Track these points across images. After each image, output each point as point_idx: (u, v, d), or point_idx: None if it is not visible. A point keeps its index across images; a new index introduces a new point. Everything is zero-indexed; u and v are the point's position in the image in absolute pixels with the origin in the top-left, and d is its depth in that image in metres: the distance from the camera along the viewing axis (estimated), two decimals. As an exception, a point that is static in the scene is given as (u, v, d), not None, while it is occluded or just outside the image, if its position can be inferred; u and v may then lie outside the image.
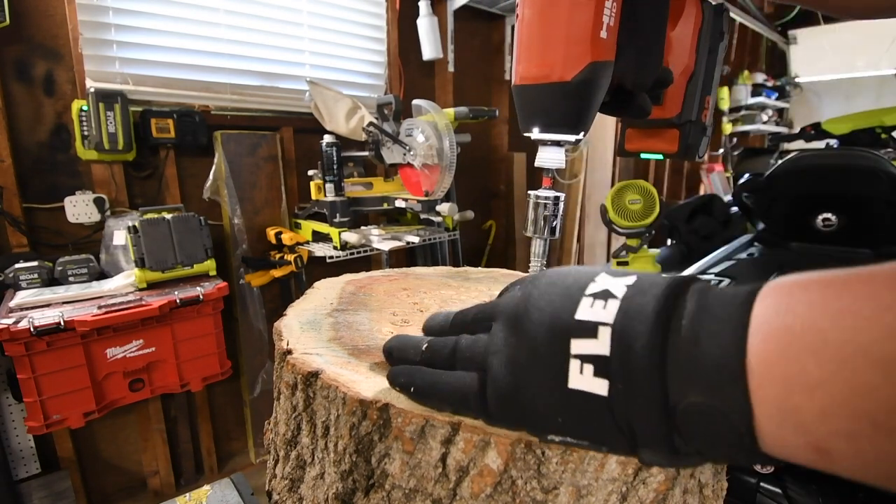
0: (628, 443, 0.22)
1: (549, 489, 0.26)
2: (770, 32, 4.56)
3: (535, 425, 0.25)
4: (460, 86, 2.42)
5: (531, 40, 0.34)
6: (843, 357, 0.16)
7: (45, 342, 1.14)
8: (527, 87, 0.35)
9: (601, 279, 0.25)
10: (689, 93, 0.47)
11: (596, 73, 0.33)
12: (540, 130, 0.36)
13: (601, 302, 0.23)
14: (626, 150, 0.53)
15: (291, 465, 0.36)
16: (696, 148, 0.49)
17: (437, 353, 0.29)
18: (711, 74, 0.47)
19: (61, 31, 1.41)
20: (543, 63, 0.34)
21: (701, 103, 0.47)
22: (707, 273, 1.19)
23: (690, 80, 0.46)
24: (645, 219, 0.95)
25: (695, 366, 0.20)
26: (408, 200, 1.70)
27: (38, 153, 1.42)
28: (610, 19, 0.33)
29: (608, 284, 0.24)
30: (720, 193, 2.63)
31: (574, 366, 0.23)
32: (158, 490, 1.68)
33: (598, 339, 0.22)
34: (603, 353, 0.22)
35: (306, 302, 0.49)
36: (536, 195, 0.38)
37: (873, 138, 2.07)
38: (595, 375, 0.22)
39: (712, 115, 0.50)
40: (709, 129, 0.50)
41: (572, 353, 0.23)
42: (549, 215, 0.38)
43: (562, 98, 0.34)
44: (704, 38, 0.45)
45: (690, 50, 0.45)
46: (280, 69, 1.84)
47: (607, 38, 0.33)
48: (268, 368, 1.89)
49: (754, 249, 1.43)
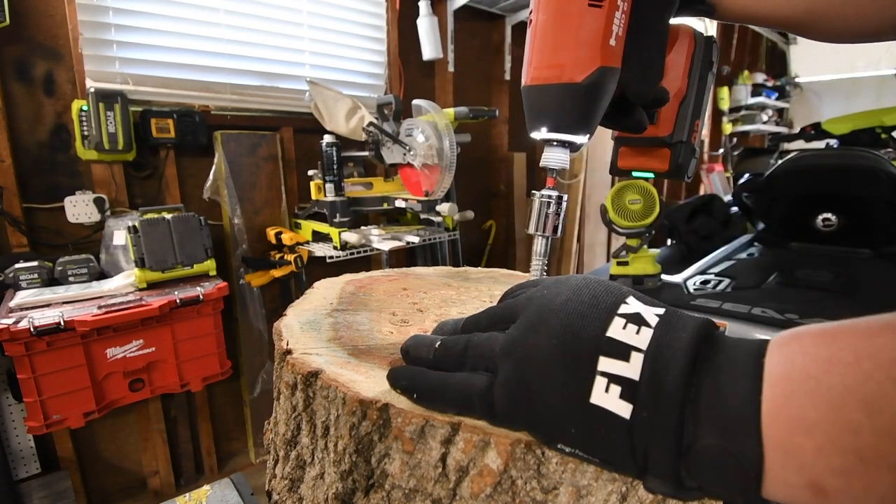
0: (637, 467, 0.23)
1: (549, 489, 0.26)
2: (770, 32, 4.56)
3: (545, 431, 0.25)
4: (460, 86, 2.42)
5: (544, 43, 0.36)
6: (833, 399, 0.19)
7: (45, 342, 1.14)
8: (537, 87, 0.36)
9: (633, 302, 0.26)
10: (680, 115, 0.50)
11: (604, 78, 0.35)
12: (548, 130, 0.37)
13: (634, 326, 0.24)
14: (618, 167, 0.56)
15: (291, 465, 0.36)
16: (686, 167, 0.52)
17: (450, 349, 0.30)
18: (701, 99, 0.50)
19: (61, 31, 1.41)
20: (554, 64, 0.35)
21: (691, 126, 0.50)
22: (707, 273, 1.19)
23: (682, 103, 0.49)
24: (645, 219, 0.95)
25: (716, 411, 0.21)
26: (408, 200, 1.70)
27: (38, 153, 1.42)
28: (619, 29, 0.35)
29: (640, 309, 0.25)
30: (720, 193, 2.63)
31: (600, 382, 0.23)
32: (158, 490, 1.69)
33: (629, 363, 0.23)
34: (632, 377, 0.23)
35: (306, 302, 0.49)
36: (541, 194, 0.39)
37: (873, 138, 2.08)
38: (621, 397, 0.22)
39: (700, 138, 0.53)
40: (697, 151, 0.53)
41: (599, 370, 0.23)
42: (552, 214, 0.39)
43: (571, 99, 0.35)
44: (696, 64, 0.49)
45: (683, 74, 0.49)
46: (280, 69, 1.84)
47: (615, 46, 0.35)
48: (268, 368, 1.89)
49: (754, 249, 1.43)
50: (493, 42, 2.59)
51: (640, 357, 0.23)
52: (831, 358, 0.19)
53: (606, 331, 0.24)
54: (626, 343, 0.23)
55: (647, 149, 0.52)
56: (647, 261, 1.03)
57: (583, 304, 0.26)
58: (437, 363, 0.30)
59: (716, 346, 0.23)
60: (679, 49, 0.48)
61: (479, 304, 0.48)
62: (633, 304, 0.25)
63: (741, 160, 3.52)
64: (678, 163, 0.51)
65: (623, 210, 0.97)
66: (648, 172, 0.53)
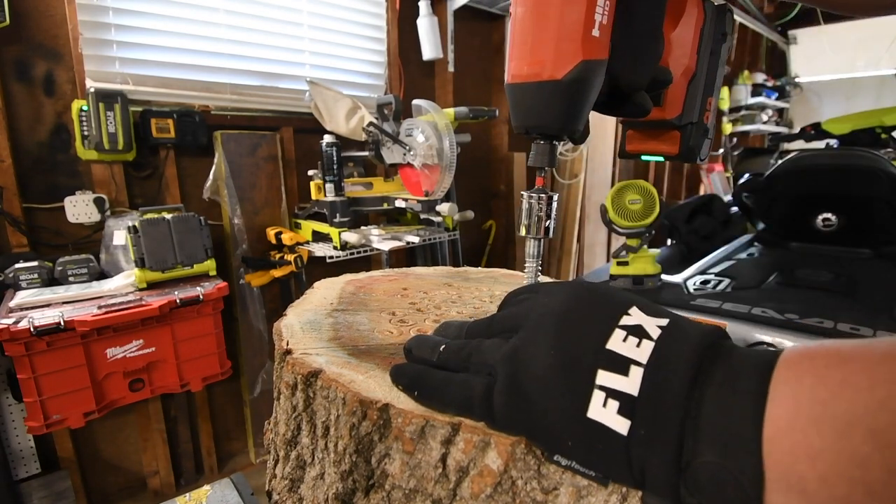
0: (635, 482, 0.23)
1: (549, 490, 0.26)
2: (770, 32, 4.56)
3: (543, 441, 0.25)
4: (460, 86, 2.42)
5: (523, 38, 0.34)
6: (841, 427, 0.17)
7: (45, 342, 1.14)
8: (518, 85, 0.35)
9: (635, 313, 0.25)
10: (690, 94, 0.46)
11: (588, 72, 0.33)
12: (532, 129, 0.36)
13: (635, 339, 0.23)
14: (626, 151, 0.52)
15: (291, 466, 0.36)
16: (698, 150, 0.48)
17: (454, 353, 0.30)
18: (714, 75, 0.46)
19: (61, 31, 1.41)
20: (534, 61, 0.33)
21: (703, 105, 0.46)
22: (707, 273, 1.19)
23: (691, 81, 0.45)
24: (645, 219, 0.95)
25: (716, 429, 0.20)
26: (408, 200, 1.70)
27: (38, 153, 1.42)
28: (603, 17, 0.33)
29: (642, 321, 0.24)
30: (720, 193, 2.63)
31: (598, 397, 0.22)
32: (158, 490, 1.69)
33: (628, 378, 0.22)
34: (631, 392, 0.22)
35: (306, 302, 0.49)
36: (529, 195, 0.38)
37: (873, 138, 2.07)
38: (619, 413, 0.22)
39: (714, 117, 0.49)
40: (710, 131, 0.49)
41: (598, 383, 0.23)
42: (542, 216, 0.37)
43: (552, 97, 0.34)
44: (706, 38, 0.44)
45: (691, 50, 0.44)
46: (280, 69, 1.84)
47: (600, 37, 0.33)
48: (268, 368, 1.89)
49: (754, 249, 1.43)
50: (493, 42, 2.59)
51: (640, 371, 0.22)
52: (843, 381, 0.18)
53: (606, 343, 0.23)
54: (625, 356, 0.23)
55: (656, 131, 0.49)
56: (647, 261, 1.03)
57: (583, 314, 0.25)
58: (439, 365, 0.30)
59: (722, 357, 0.22)
60: (686, 22, 0.44)
61: (478, 304, 0.48)
62: (636, 314, 0.25)
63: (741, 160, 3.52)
64: (689, 145, 0.47)
65: (623, 210, 0.97)
66: (657, 156, 0.50)
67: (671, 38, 0.43)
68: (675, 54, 0.44)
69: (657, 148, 0.49)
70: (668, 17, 0.42)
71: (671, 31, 0.43)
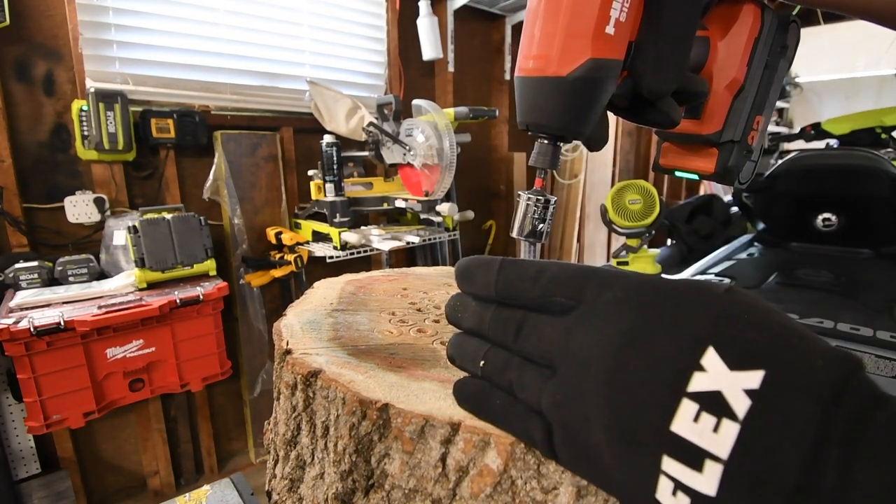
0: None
1: (549, 489, 0.26)
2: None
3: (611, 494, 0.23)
4: (460, 86, 2.42)
5: (532, 30, 0.32)
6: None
7: (45, 342, 1.14)
8: (524, 79, 0.33)
9: (711, 365, 0.18)
10: (734, 109, 0.41)
11: (597, 72, 0.31)
12: (534, 127, 0.34)
13: (711, 419, 0.17)
14: (660, 165, 0.48)
15: (291, 466, 0.36)
16: (738, 171, 0.43)
17: (496, 374, 0.27)
18: (767, 92, 0.41)
19: (61, 31, 1.41)
20: (541, 55, 0.32)
21: (749, 123, 0.41)
22: (707, 273, 1.19)
23: (738, 95, 0.40)
24: (645, 219, 0.95)
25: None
26: (408, 200, 1.70)
27: (38, 153, 1.42)
28: (620, 14, 0.30)
29: (721, 383, 0.17)
30: (720, 193, 2.63)
31: (665, 485, 0.18)
32: (158, 490, 1.69)
33: (702, 474, 0.17)
34: (707, 493, 0.17)
35: (306, 302, 0.49)
36: (527, 196, 0.36)
37: (873, 138, 2.08)
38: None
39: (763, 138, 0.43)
40: (756, 153, 0.43)
41: (664, 470, 0.18)
42: (536, 218, 0.35)
43: (555, 95, 0.32)
44: (760, 50, 0.39)
45: (741, 62, 0.39)
46: (280, 69, 1.84)
47: (615, 35, 0.30)
48: (268, 368, 1.89)
49: (754, 249, 1.43)
50: (493, 42, 2.59)
51: (719, 470, 0.16)
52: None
53: (671, 423, 0.18)
54: (695, 445, 0.17)
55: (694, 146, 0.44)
56: (647, 261, 1.03)
57: (641, 362, 0.19)
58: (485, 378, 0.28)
59: (860, 414, 0.15)
60: (739, 31, 0.39)
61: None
62: (713, 367, 0.17)
63: (741, 160, 3.51)
64: (727, 165, 0.42)
65: (623, 210, 0.97)
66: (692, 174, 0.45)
67: (718, 45, 0.40)
68: (720, 64, 0.40)
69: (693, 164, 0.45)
70: (717, 22, 0.39)
71: (719, 39, 0.40)
